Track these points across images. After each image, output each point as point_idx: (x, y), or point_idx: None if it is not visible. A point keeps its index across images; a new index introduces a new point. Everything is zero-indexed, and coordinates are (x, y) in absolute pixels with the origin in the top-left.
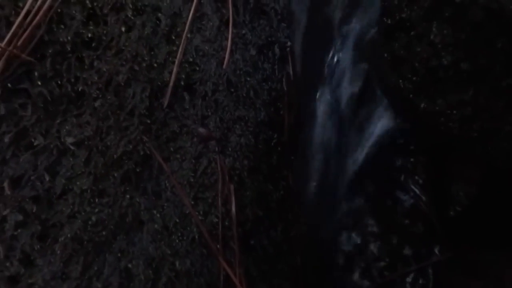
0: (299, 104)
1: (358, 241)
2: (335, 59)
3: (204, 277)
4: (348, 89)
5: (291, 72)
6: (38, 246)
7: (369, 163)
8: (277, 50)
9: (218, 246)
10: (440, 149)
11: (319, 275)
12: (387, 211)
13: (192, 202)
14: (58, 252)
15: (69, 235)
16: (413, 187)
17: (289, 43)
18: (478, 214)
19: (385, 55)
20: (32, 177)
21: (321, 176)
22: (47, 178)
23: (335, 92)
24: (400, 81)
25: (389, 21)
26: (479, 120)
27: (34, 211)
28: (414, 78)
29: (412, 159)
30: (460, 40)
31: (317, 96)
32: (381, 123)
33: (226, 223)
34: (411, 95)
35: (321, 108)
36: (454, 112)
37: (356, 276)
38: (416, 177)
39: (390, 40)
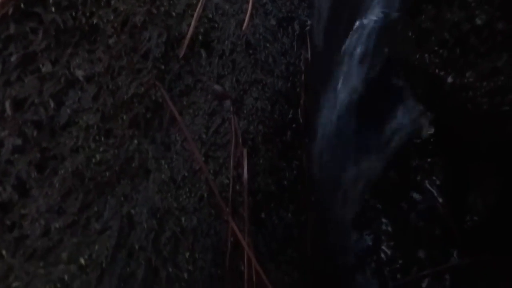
0: (316, 88)
1: (370, 240)
2: (355, 45)
3: (211, 239)
4: (367, 75)
5: (309, 54)
6: (35, 176)
7: (385, 159)
8: (296, 27)
9: (227, 208)
10: (460, 152)
11: (329, 270)
12: (401, 211)
13: (203, 159)
14: (57, 185)
15: (70, 169)
16: (430, 188)
17: (309, 22)
18: (497, 221)
19: (410, 33)
20: (36, 101)
21: (334, 165)
22: (52, 105)
23: (354, 78)
24: (426, 56)
25: None
26: None
27: (34, 136)
28: (441, 51)
29: (429, 160)
30: None
31: (335, 82)
32: (401, 113)
33: (237, 188)
34: (437, 71)
35: (338, 94)
36: (485, 84)
37: (367, 277)
38: (434, 178)
39: (417, 15)
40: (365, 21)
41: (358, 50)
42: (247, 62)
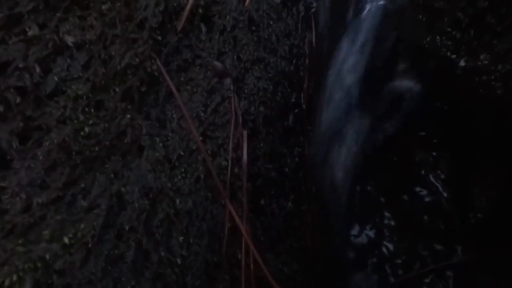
0: (320, 74)
1: (372, 234)
2: (360, 29)
3: (207, 223)
4: (373, 61)
5: (313, 37)
6: (17, 146)
7: (389, 150)
8: (301, 8)
9: (225, 191)
10: (465, 146)
11: (329, 264)
12: (404, 205)
13: (200, 139)
14: (41, 157)
15: (55, 141)
16: (434, 182)
17: (314, 4)
18: (501, 216)
19: (420, 16)
20: (21, 66)
21: (336, 154)
22: (38, 71)
23: (360, 64)
24: (437, 38)
25: None
26: None
27: (17, 103)
28: (454, 32)
29: (434, 153)
30: None
31: (339, 67)
32: (407, 101)
33: (236, 171)
34: (449, 53)
35: (343, 80)
36: (500, 67)
37: (368, 272)
38: (438, 172)
39: None
40: (371, 5)
41: (364, 35)
42: (249, 39)
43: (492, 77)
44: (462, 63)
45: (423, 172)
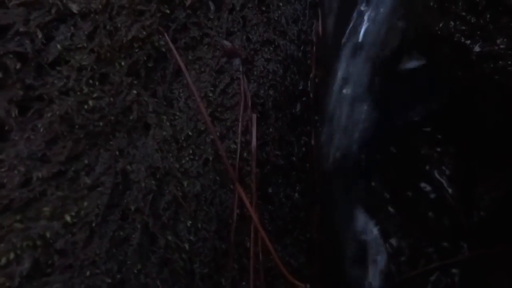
0: (326, 64)
1: (377, 231)
2: (368, 20)
3: (215, 208)
4: (383, 51)
5: (320, 27)
6: (16, 116)
7: (394, 145)
8: None
9: (235, 174)
10: (471, 141)
11: (334, 260)
12: (409, 201)
13: (210, 119)
14: (41, 129)
15: (57, 113)
16: (439, 178)
17: None
18: (507, 214)
19: (431, 3)
20: (21, 30)
21: (343, 148)
22: (40, 37)
23: (369, 55)
24: (451, 23)
25: None
26: None
27: (17, 69)
28: (469, 17)
29: (439, 149)
30: None
31: (348, 59)
32: (415, 92)
33: (245, 155)
34: (463, 39)
35: (351, 72)
36: None
37: (373, 269)
38: (443, 168)
39: None
40: None
41: (374, 25)
42: (259, 19)
43: (509, 62)
44: (477, 49)
45: (427, 167)
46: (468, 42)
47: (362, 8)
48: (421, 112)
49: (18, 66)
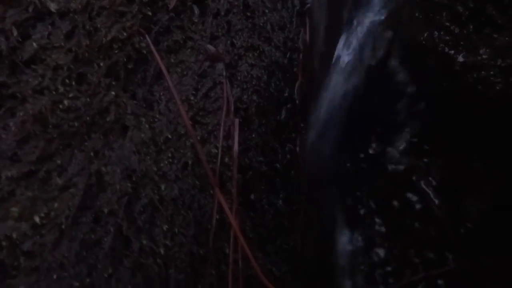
0: (314, 73)
1: (362, 241)
2: (357, 29)
3: (194, 213)
4: (369, 61)
5: (307, 35)
6: None
7: (381, 156)
8: (296, 2)
9: (215, 178)
10: (458, 152)
11: (319, 269)
12: (395, 211)
13: (190, 123)
14: (13, 128)
15: (30, 112)
16: (425, 188)
17: (309, 0)
18: (494, 225)
19: (417, 13)
20: None
21: (328, 157)
22: (15, 34)
23: (356, 64)
24: (435, 34)
25: None
26: None
27: None
28: (453, 27)
29: (426, 159)
30: None
31: (335, 67)
32: (401, 102)
33: (226, 160)
34: (447, 49)
35: (336, 81)
36: (499, 61)
37: (357, 280)
38: (430, 178)
39: None
40: (368, 4)
41: (361, 35)
42: (243, 25)
43: (492, 72)
44: (460, 59)
45: (414, 178)
46: (452, 52)
47: (351, 18)
48: (408, 122)
49: None
